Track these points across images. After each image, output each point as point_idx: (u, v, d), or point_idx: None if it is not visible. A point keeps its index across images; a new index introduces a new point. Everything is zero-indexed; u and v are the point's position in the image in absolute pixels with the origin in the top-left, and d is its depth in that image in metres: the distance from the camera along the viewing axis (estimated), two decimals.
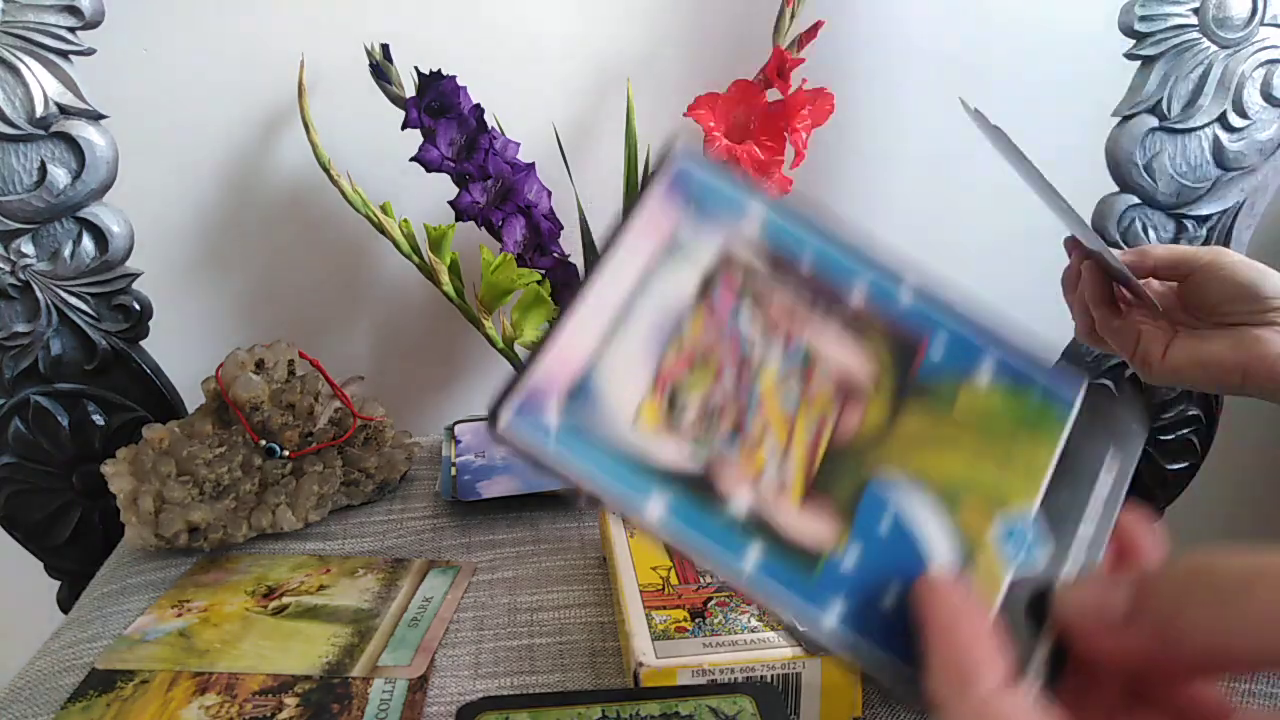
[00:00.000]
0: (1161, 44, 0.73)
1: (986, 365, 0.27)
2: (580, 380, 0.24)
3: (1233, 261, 0.50)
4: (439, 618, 0.53)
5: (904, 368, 0.27)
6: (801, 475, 0.25)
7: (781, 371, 0.26)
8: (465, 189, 0.74)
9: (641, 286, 0.26)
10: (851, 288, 0.27)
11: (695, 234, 0.27)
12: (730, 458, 0.25)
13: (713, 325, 0.26)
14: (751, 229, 0.28)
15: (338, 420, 0.66)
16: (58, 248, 0.69)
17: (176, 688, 0.47)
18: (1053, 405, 0.27)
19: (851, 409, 0.26)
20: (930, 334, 0.27)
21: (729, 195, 0.28)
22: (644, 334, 0.26)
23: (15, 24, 0.64)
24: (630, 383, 0.25)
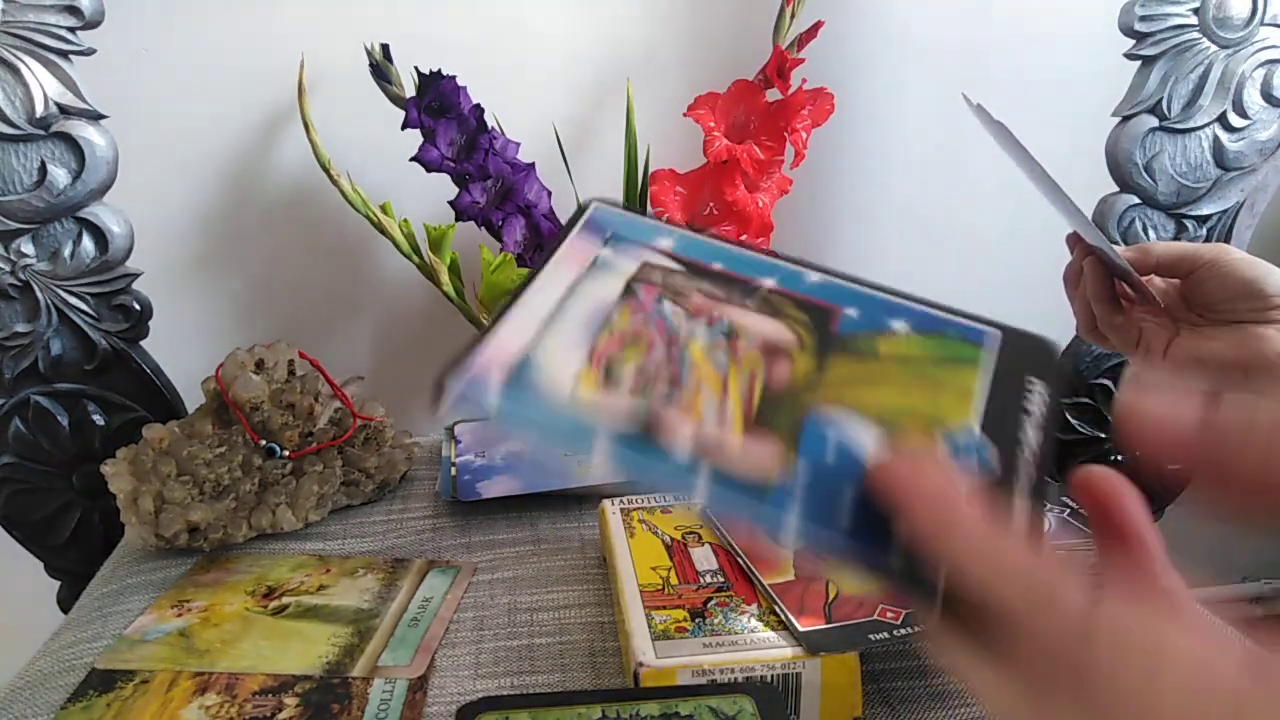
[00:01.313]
0: (1161, 44, 0.73)
1: (900, 320, 0.29)
2: (519, 361, 0.26)
3: (1235, 259, 0.50)
4: (439, 618, 0.53)
5: (823, 328, 0.29)
6: (740, 416, 0.26)
7: (708, 342, 0.28)
8: (465, 189, 0.74)
9: (570, 293, 0.29)
10: (761, 279, 0.30)
11: (615, 254, 0.31)
12: (669, 409, 0.26)
13: (639, 314, 0.29)
14: (665, 245, 0.31)
15: (338, 420, 0.66)
16: (58, 248, 0.68)
17: (176, 688, 0.47)
18: (968, 344, 0.29)
19: (780, 363, 0.28)
20: (842, 303, 0.30)
21: (642, 226, 0.32)
22: (576, 325, 0.28)
23: (15, 24, 0.64)
24: (567, 360, 0.27)
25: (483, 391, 0.25)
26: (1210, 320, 0.51)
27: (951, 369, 0.28)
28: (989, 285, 0.95)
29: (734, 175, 0.71)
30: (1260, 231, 0.80)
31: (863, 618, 0.45)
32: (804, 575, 0.49)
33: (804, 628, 0.44)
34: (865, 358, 0.28)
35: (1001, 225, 0.91)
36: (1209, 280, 0.51)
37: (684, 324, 0.28)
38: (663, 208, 0.71)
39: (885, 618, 0.45)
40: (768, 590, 0.48)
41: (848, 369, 0.28)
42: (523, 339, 0.27)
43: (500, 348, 0.26)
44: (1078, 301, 0.56)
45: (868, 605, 0.46)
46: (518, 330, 0.27)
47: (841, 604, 0.46)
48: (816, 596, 0.47)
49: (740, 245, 0.31)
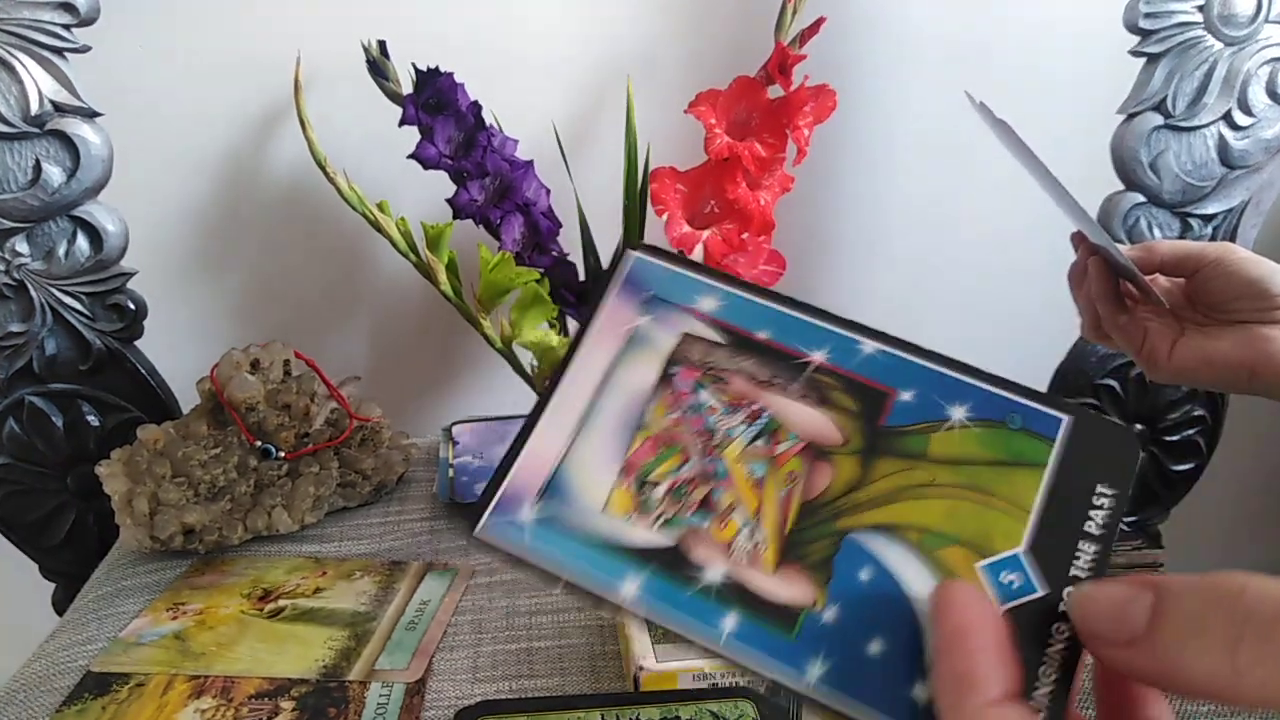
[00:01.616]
0: (1166, 41, 0.73)
1: (959, 406, 0.27)
2: (551, 477, 0.26)
3: (1240, 258, 0.50)
4: (436, 621, 0.53)
5: (872, 420, 0.27)
6: (775, 538, 0.25)
7: (746, 441, 0.27)
8: (463, 187, 0.73)
9: (605, 382, 0.28)
10: (811, 350, 0.28)
11: (655, 321, 0.29)
12: (702, 530, 0.25)
13: (676, 408, 0.27)
14: (708, 309, 0.29)
15: (334, 421, 0.66)
16: (52, 247, 0.68)
17: (172, 691, 0.47)
18: (1035, 440, 0.26)
19: (821, 469, 0.26)
20: (896, 384, 0.28)
21: (683, 282, 0.30)
22: (610, 427, 0.27)
23: (10, 21, 0.63)
24: (599, 474, 0.26)
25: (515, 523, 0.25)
26: (1215, 320, 0.51)
27: (1009, 474, 0.26)
28: (993, 284, 0.95)
29: (735, 173, 0.71)
30: (1266, 230, 0.80)
31: None
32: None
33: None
34: (914, 460, 0.26)
35: (1006, 224, 0.91)
36: (1214, 279, 0.50)
37: (722, 420, 0.27)
38: (663, 206, 0.70)
39: None
40: None
41: (894, 475, 0.26)
42: (555, 448, 0.27)
43: (527, 466, 0.26)
44: (1082, 301, 0.55)
45: None
46: (551, 433, 0.27)
47: None
48: None
49: (789, 304, 0.29)
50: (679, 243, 0.71)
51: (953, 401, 0.27)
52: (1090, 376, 0.83)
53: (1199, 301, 0.52)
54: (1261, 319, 0.49)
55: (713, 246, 0.71)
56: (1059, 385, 0.84)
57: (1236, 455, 0.95)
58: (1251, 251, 0.50)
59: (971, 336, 0.96)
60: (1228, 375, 0.49)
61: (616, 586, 0.24)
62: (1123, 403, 0.84)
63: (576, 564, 0.25)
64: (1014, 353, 0.95)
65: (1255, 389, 0.49)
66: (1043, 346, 0.85)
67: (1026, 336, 0.93)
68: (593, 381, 0.28)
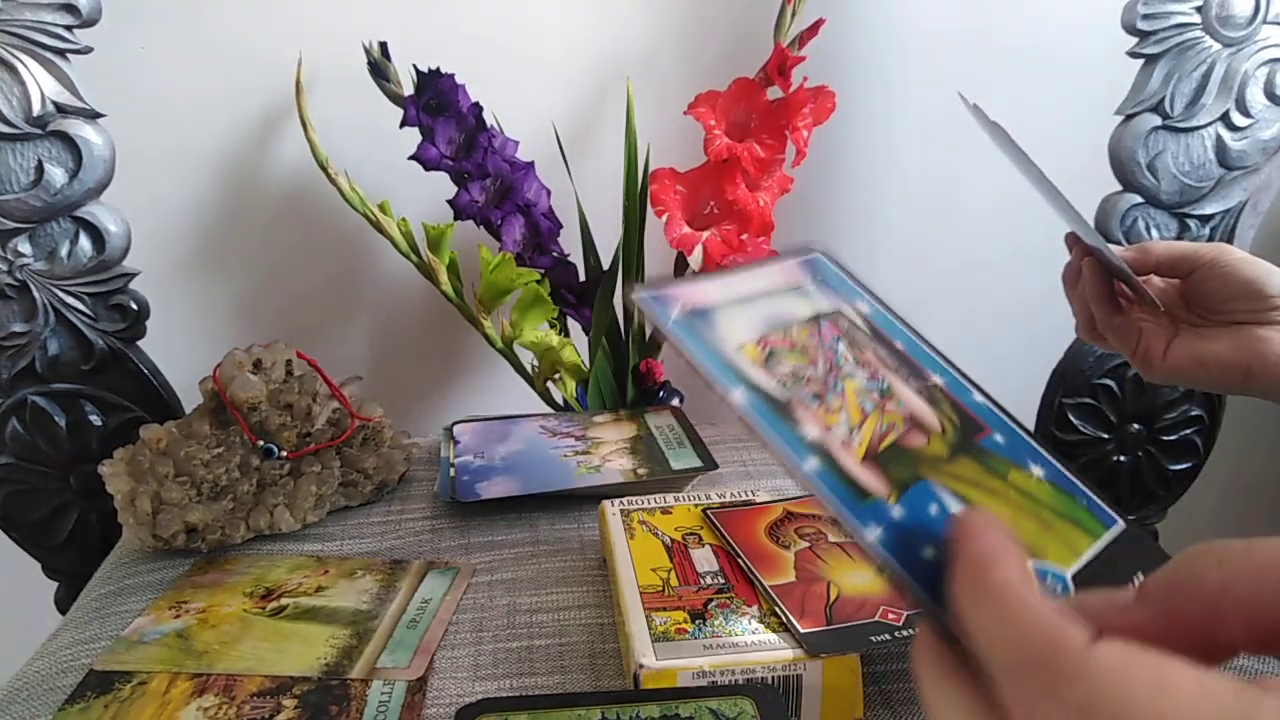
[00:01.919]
0: (1164, 42, 0.73)
1: (1039, 467, 0.30)
2: (702, 309, 0.29)
3: (1236, 259, 0.50)
4: (438, 619, 0.53)
5: (967, 435, 0.30)
6: (866, 443, 0.28)
7: (864, 386, 0.30)
8: (464, 188, 0.73)
9: (766, 294, 0.31)
10: (933, 374, 0.32)
11: (817, 291, 0.33)
12: (810, 405, 0.28)
13: (815, 338, 0.31)
14: (862, 308, 0.33)
15: (336, 421, 0.66)
16: (55, 247, 0.68)
17: (174, 689, 0.47)
18: (1094, 517, 0.29)
19: (917, 433, 0.29)
20: (994, 427, 0.31)
21: (849, 285, 0.34)
22: (760, 314, 0.30)
23: (13, 22, 0.64)
24: (741, 329, 0.29)
25: (665, 311, 0.28)
26: (1211, 321, 0.51)
27: (1069, 525, 0.28)
28: (992, 285, 0.95)
29: (735, 174, 0.71)
30: (1263, 231, 0.80)
31: (864, 619, 0.45)
32: (805, 578, 0.49)
33: (805, 629, 0.44)
34: (993, 474, 0.29)
35: (1004, 225, 0.91)
36: (1209, 280, 0.50)
37: (849, 364, 0.30)
38: (663, 206, 0.71)
39: (887, 619, 0.45)
40: (768, 591, 0.47)
41: (974, 473, 0.28)
42: (713, 298, 0.29)
43: (692, 292, 0.29)
44: (1077, 302, 0.56)
45: (869, 607, 0.46)
46: (713, 291, 0.30)
47: (843, 605, 0.46)
48: (817, 598, 0.47)
49: (924, 339, 0.33)
50: (678, 243, 0.71)
51: (1035, 461, 0.30)
52: (1088, 377, 0.84)
53: (1194, 302, 0.52)
54: (1257, 320, 0.49)
55: (712, 247, 0.71)
56: (1057, 386, 0.85)
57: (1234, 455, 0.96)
58: (1248, 252, 0.50)
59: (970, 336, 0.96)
60: (1222, 376, 0.49)
61: (729, 387, 0.27)
62: (1120, 403, 0.84)
63: (703, 355, 0.27)
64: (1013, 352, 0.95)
65: (1250, 390, 0.49)
66: (1041, 346, 0.85)
67: (1025, 336, 0.93)
68: (754, 287, 0.31)
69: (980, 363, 0.32)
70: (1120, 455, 0.86)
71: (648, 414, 0.73)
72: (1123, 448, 0.86)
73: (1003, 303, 0.95)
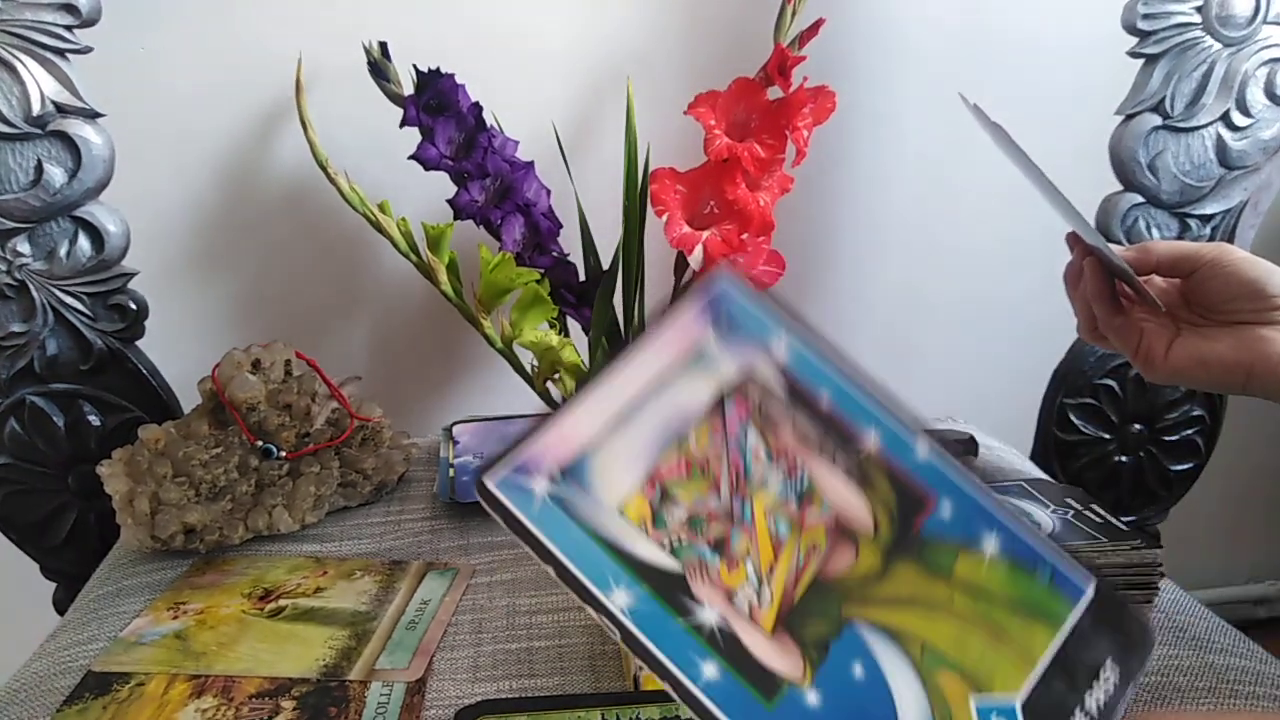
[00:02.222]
0: (1164, 42, 0.73)
1: (993, 537, 0.26)
2: (575, 461, 0.25)
3: (1237, 259, 0.50)
4: (437, 620, 0.53)
5: (907, 521, 0.26)
6: (778, 602, 0.24)
7: (779, 496, 0.26)
8: (464, 187, 0.73)
9: (657, 387, 0.27)
10: (867, 432, 0.27)
11: (721, 349, 0.28)
12: (710, 566, 0.24)
13: (718, 438, 0.26)
14: (778, 355, 0.28)
15: (335, 421, 0.66)
16: (54, 247, 0.68)
17: (173, 690, 0.47)
18: (1058, 597, 0.26)
19: (844, 549, 0.26)
20: (939, 494, 0.27)
21: (761, 321, 0.29)
22: (648, 432, 0.26)
23: (12, 22, 0.63)
24: (624, 473, 0.25)
25: (526, 493, 0.24)
26: (1212, 321, 0.51)
27: (1027, 621, 0.25)
28: (993, 285, 0.95)
29: (735, 174, 0.71)
30: (1264, 230, 0.80)
31: None
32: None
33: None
34: (936, 575, 0.25)
35: (1005, 224, 0.91)
36: (1210, 280, 0.50)
37: (759, 467, 0.26)
38: (663, 206, 0.71)
39: None
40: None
41: (913, 582, 0.25)
42: (586, 432, 0.25)
43: (560, 438, 0.25)
44: (1078, 302, 0.55)
45: None
46: (587, 419, 0.26)
47: None
48: None
49: (858, 374, 0.28)
50: (678, 243, 0.71)
51: (989, 530, 0.27)
52: (1089, 376, 0.83)
53: (1196, 302, 0.52)
54: (1258, 320, 0.49)
55: (712, 247, 0.71)
56: (1058, 386, 0.85)
57: (1235, 455, 0.96)
58: (1249, 252, 0.50)
59: (971, 336, 0.96)
60: (1224, 376, 0.49)
61: (608, 590, 0.23)
62: (1121, 403, 0.84)
63: (575, 552, 0.24)
64: (1013, 351, 0.95)
65: (1251, 390, 0.49)
66: (1042, 346, 0.85)
67: (1025, 336, 0.93)
68: (643, 382, 0.27)
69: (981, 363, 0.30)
70: (1121, 455, 0.86)
71: None
72: (1124, 448, 0.86)
73: (1003, 303, 0.95)
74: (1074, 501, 0.56)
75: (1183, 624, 0.51)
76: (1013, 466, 0.70)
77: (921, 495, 0.27)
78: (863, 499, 0.26)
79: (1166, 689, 0.46)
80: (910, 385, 1.08)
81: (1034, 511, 0.54)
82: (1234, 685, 0.47)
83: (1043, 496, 0.57)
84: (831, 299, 0.94)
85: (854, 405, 0.28)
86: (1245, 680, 0.47)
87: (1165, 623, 0.51)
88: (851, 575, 0.25)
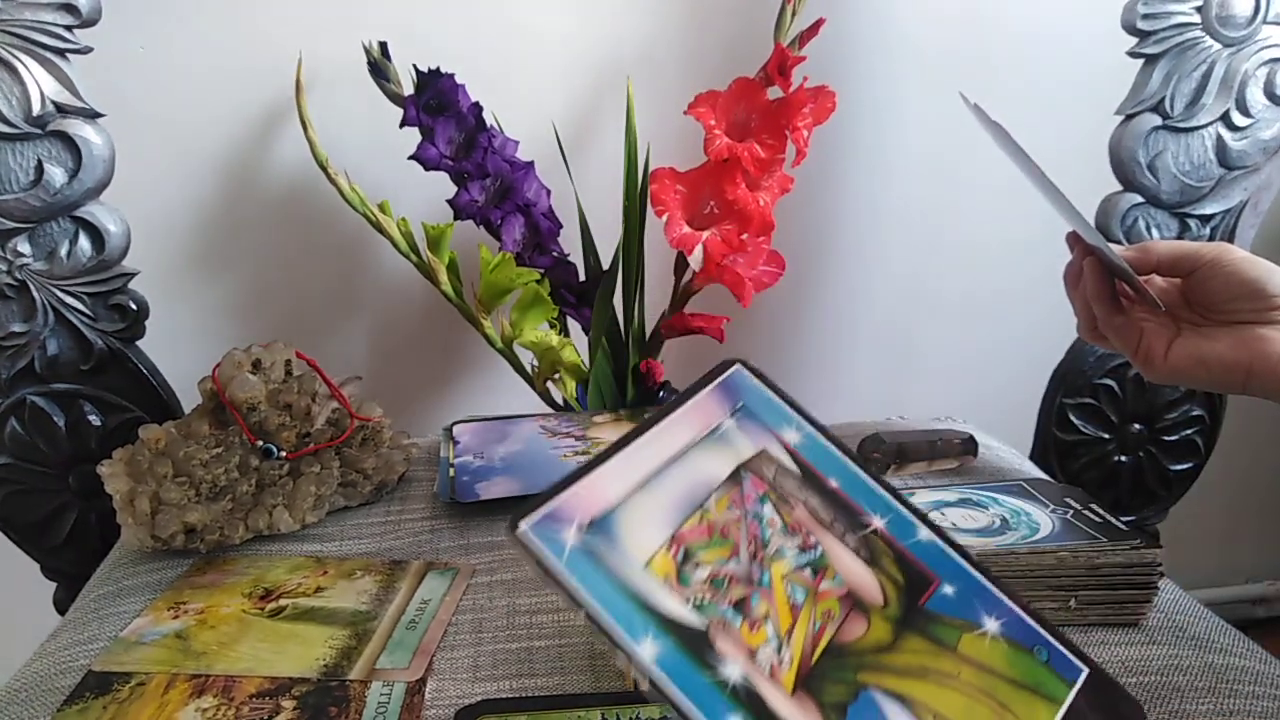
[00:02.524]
0: (1164, 42, 0.73)
1: (993, 619, 0.28)
2: (602, 517, 0.26)
3: (1237, 258, 0.50)
4: (437, 620, 0.53)
5: (914, 596, 0.28)
6: (797, 663, 0.25)
7: (794, 565, 0.27)
8: (464, 187, 0.73)
9: (679, 458, 0.28)
10: (874, 514, 0.29)
11: (738, 430, 0.30)
12: (732, 626, 0.25)
13: (737, 508, 0.28)
14: (790, 440, 0.30)
15: (335, 421, 0.66)
16: (54, 247, 0.68)
17: (173, 690, 0.47)
18: (1056, 678, 0.27)
19: (856, 620, 0.27)
20: (941, 574, 0.28)
21: (774, 409, 0.31)
22: (671, 497, 0.27)
23: (12, 22, 0.64)
24: (649, 532, 0.26)
25: (558, 541, 0.25)
26: (1212, 320, 0.51)
27: (1028, 699, 0.26)
28: (992, 284, 0.95)
29: (735, 174, 0.71)
30: (1264, 230, 0.80)
31: None
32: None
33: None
34: (943, 648, 0.27)
35: (1005, 223, 0.91)
36: (1210, 280, 0.50)
37: (776, 537, 0.28)
38: (663, 206, 0.71)
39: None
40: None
41: (921, 655, 0.26)
42: (615, 490, 0.27)
43: (590, 493, 0.26)
44: (1078, 301, 0.55)
45: None
46: (615, 478, 0.27)
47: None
48: None
49: (864, 468, 0.30)
50: (678, 243, 0.71)
51: (989, 612, 0.28)
52: (1089, 376, 0.84)
53: (1195, 302, 0.52)
54: (1258, 319, 0.49)
55: (712, 247, 0.71)
56: (1058, 386, 0.85)
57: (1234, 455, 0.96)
58: (1249, 252, 0.50)
59: (971, 335, 0.96)
60: (1224, 376, 0.49)
61: (636, 640, 0.24)
62: (1121, 403, 0.84)
63: (604, 603, 0.25)
64: (1013, 351, 0.95)
65: (1251, 390, 0.49)
66: (1042, 346, 0.85)
67: (1025, 335, 0.93)
68: (667, 453, 0.28)
69: (981, 363, 0.30)
70: (1121, 455, 0.86)
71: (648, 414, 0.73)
72: (1124, 448, 0.86)
73: (1003, 303, 0.95)
74: (1073, 501, 0.56)
75: (1182, 624, 0.51)
76: (1012, 466, 0.70)
77: (927, 575, 0.28)
78: (872, 574, 0.28)
79: (1166, 689, 0.46)
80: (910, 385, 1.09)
81: (1033, 511, 0.54)
82: (1233, 685, 0.47)
83: (1042, 496, 0.57)
84: (831, 300, 0.94)
85: (861, 491, 0.30)
86: (1245, 680, 0.47)
87: (1165, 622, 0.51)
88: (864, 643, 0.26)
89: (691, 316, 0.77)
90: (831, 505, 0.29)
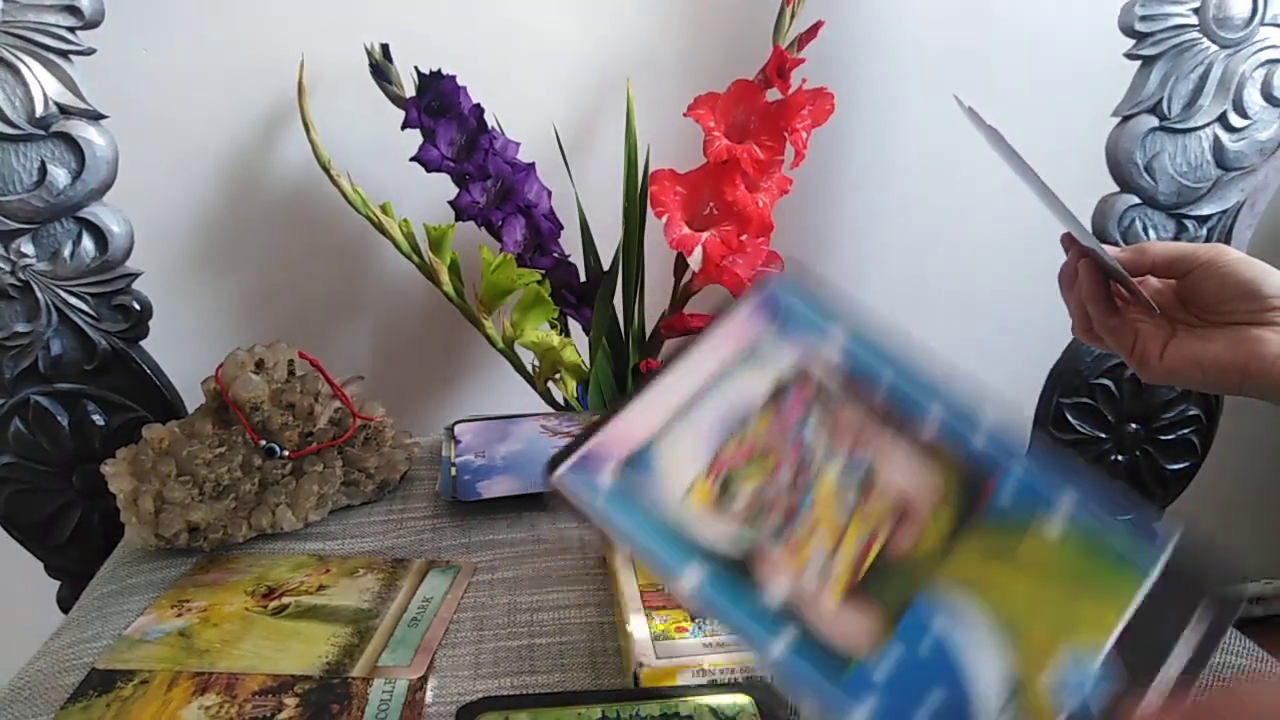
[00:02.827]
0: (1162, 44, 0.73)
1: (1060, 513, 0.26)
2: (639, 452, 0.26)
3: (1232, 259, 0.50)
4: (439, 618, 0.53)
5: (969, 503, 0.26)
6: (845, 577, 0.25)
7: (840, 482, 0.26)
8: (465, 189, 0.74)
9: (714, 382, 0.27)
10: (925, 420, 0.28)
11: (778, 344, 0.29)
12: (773, 550, 0.25)
13: (777, 427, 0.27)
14: (831, 353, 0.29)
15: (338, 420, 0.66)
16: (58, 248, 0.69)
17: (176, 688, 0.47)
18: (1130, 558, 0.26)
19: (906, 528, 0.26)
20: (1000, 475, 0.27)
21: (815, 320, 0.29)
22: (708, 422, 0.27)
23: (15, 24, 0.64)
24: (686, 462, 0.26)
25: (593, 483, 0.25)
26: (1207, 321, 0.51)
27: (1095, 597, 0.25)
28: (989, 284, 0.95)
29: (734, 175, 0.71)
30: (1260, 231, 0.80)
31: None
32: None
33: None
34: (999, 556, 0.25)
35: (1002, 224, 0.91)
36: (1206, 281, 0.50)
37: (821, 452, 0.27)
38: (663, 207, 0.71)
39: None
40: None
41: (976, 561, 0.25)
42: (650, 423, 0.26)
43: (625, 429, 0.26)
44: (1073, 303, 0.56)
45: None
46: (649, 411, 0.26)
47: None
48: None
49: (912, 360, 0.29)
50: (678, 244, 0.71)
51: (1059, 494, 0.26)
52: (1085, 376, 0.84)
53: (1191, 303, 0.52)
54: (1254, 320, 0.49)
55: (712, 248, 0.71)
56: (1054, 385, 0.85)
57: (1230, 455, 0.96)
58: (1245, 253, 0.51)
59: (968, 335, 0.97)
60: (1219, 377, 0.49)
61: (678, 572, 0.24)
62: (1117, 402, 0.85)
63: (643, 538, 0.25)
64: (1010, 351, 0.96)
65: (1247, 390, 0.49)
66: (1039, 346, 0.85)
67: (1022, 334, 0.93)
68: (702, 377, 0.27)
69: (978, 362, 0.30)
70: (1118, 455, 0.87)
71: None
72: (1120, 447, 0.86)
73: (1000, 302, 0.95)
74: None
75: None
76: None
77: (982, 478, 0.27)
78: (925, 477, 0.27)
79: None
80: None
81: None
82: (1231, 684, 0.47)
83: None
84: None
85: (914, 385, 0.28)
86: (1242, 678, 0.48)
87: None
88: (916, 552, 0.26)
89: (691, 317, 0.77)
90: (880, 411, 0.28)
